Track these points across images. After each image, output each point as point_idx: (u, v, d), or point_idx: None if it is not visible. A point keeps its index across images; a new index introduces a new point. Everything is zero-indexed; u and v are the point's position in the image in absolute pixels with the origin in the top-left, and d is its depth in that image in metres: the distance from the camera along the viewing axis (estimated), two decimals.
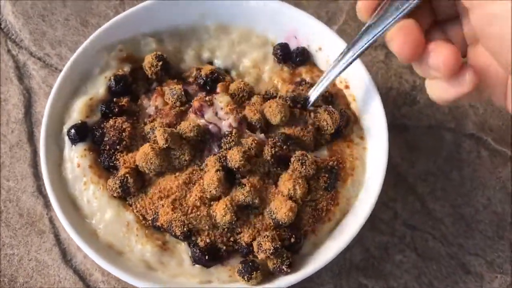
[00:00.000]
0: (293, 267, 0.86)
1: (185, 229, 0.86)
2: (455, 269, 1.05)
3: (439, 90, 0.69)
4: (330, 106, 0.97)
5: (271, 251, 0.83)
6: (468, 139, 1.16)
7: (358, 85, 1.01)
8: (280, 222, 0.85)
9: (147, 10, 1.02)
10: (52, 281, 1.02)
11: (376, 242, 1.06)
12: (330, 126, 0.94)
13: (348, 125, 0.99)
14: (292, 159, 0.90)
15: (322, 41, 1.04)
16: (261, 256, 0.84)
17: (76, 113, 0.96)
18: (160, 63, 0.99)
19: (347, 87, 1.03)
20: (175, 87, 0.97)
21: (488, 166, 1.14)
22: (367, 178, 0.95)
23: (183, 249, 0.89)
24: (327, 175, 0.92)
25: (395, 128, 1.15)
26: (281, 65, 1.06)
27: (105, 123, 0.95)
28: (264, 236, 0.84)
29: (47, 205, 1.07)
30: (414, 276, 1.04)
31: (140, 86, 1.02)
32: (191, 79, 1.02)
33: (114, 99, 0.98)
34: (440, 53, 0.66)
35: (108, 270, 0.85)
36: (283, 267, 0.85)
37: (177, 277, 0.88)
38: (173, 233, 0.87)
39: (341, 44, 1.00)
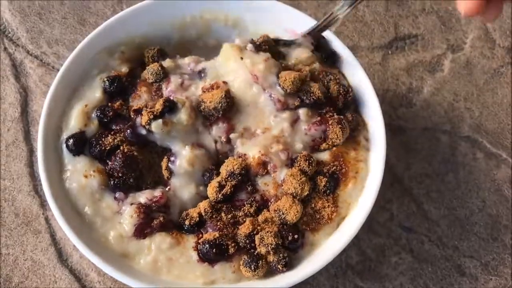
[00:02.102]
0: (290, 268, 0.87)
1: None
2: (450, 271, 1.06)
3: None
4: (343, 119, 0.94)
5: (273, 245, 0.85)
6: (464, 142, 1.17)
7: (356, 86, 1.01)
8: (288, 222, 0.88)
9: (146, 9, 1.02)
10: (48, 281, 1.01)
11: (372, 244, 1.07)
12: (340, 140, 0.93)
13: (356, 130, 0.98)
14: (298, 158, 0.91)
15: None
16: (262, 250, 0.86)
17: (74, 122, 0.94)
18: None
19: None
20: (151, 66, 0.98)
21: (483, 169, 1.14)
22: (368, 182, 0.94)
23: (191, 245, 0.89)
24: (326, 179, 0.92)
25: (392, 129, 1.15)
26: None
27: (103, 138, 0.93)
28: (268, 232, 0.86)
29: (43, 204, 1.07)
30: (410, 278, 1.05)
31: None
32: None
33: (109, 103, 0.96)
34: None
35: (114, 276, 0.84)
36: (279, 266, 0.86)
37: (181, 279, 0.87)
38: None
39: (339, 45, 1.01)
